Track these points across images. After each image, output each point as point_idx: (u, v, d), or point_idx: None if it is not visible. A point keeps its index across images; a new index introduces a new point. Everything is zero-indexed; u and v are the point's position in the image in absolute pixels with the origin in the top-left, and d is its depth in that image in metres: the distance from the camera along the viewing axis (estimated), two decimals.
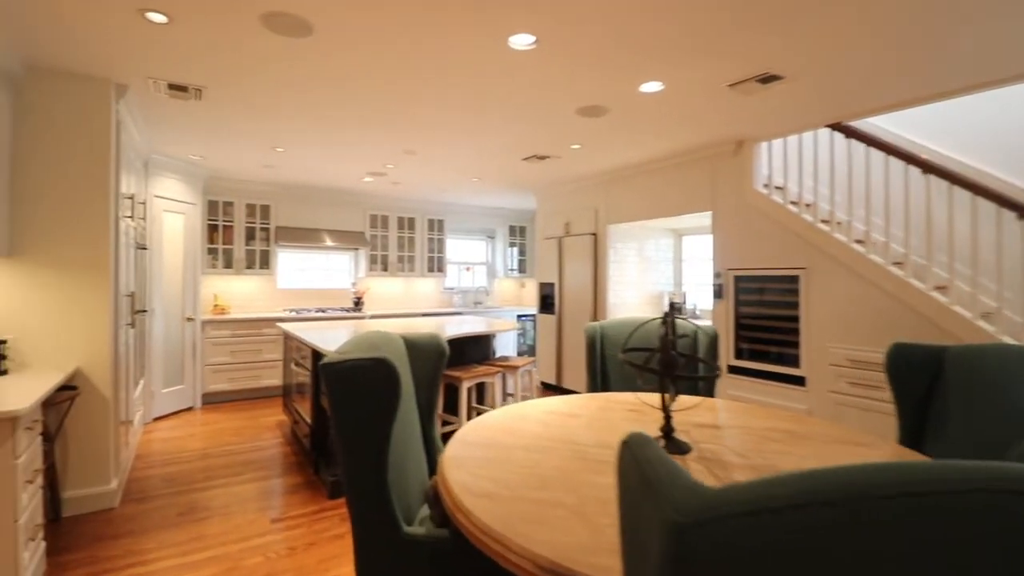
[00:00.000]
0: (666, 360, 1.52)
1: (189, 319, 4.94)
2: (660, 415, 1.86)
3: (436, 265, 7.08)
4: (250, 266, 5.78)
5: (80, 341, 2.80)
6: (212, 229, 5.56)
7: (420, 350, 1.96)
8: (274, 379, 5.49)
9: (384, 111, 3.38)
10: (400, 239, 6.81)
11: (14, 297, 2.67)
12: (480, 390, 4.27)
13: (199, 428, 4.37)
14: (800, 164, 3.72)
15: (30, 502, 2.03)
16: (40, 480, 2.19)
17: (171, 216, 4.78)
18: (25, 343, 2.69)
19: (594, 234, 5.35)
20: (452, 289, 7.46)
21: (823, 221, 3.60)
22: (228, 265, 5.64)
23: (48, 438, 2.59)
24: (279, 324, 4.45)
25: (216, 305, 5.58)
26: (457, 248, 7.63)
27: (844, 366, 3.35)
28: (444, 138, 4.00)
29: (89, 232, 2.83)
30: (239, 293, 5.89)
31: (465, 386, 3.66)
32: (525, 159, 4.66)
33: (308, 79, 2.86)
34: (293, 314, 5.68)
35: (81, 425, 2.80)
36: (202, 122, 3.67)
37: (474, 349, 4.29)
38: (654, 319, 1.87)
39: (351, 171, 5.23)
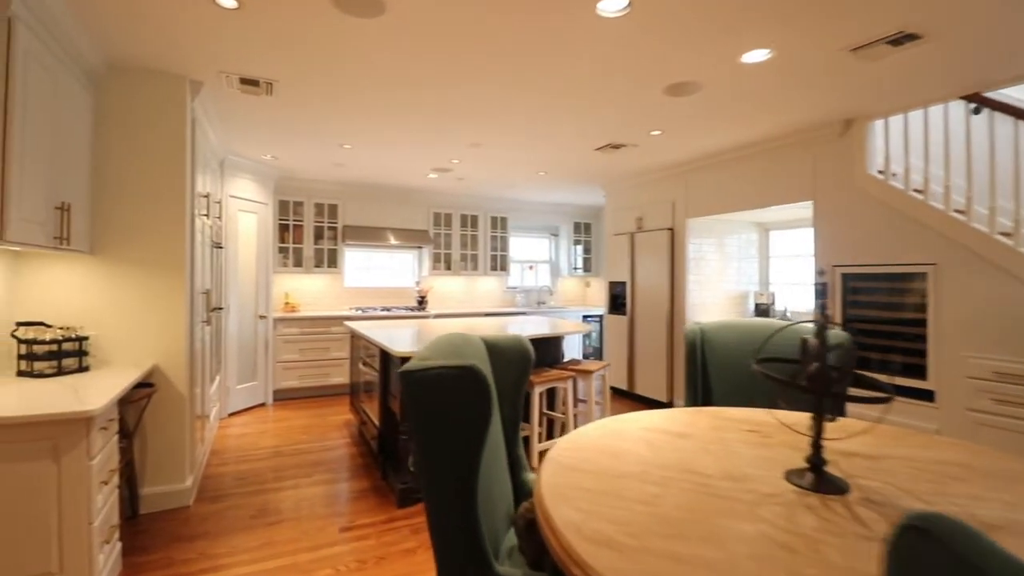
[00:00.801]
0: (819, 375, 1.21)
1: (262, 317, 5.02)
2: (787, 439, 1.54)
3: (499, 264, 6.91)
4: (318, 265, 5.84)
5: (158, 338, 2.80)
6: (283, 228, 5.65)
7: (503, 354, 1.74)
8: (341, 377, 5.50)
9: (454, 97, 3.21)
10: (463, 237, 6.69)
11: (96, 294, 2.70)
12: (551, 395, 4.02)
13: (271, 425, 4.40)
14: (926, 144, 3.20)
15: (105, 503, 1.99)
16: (116, 480, 2.16)
17: (245, 216, 4.87)
18: (106, 339, 2.72)
19: (670, 229, 4.97)
20: (515, 288, 7.27)
21: (957, 211, 3.07)
22: (298, 264, 5.72)
23: (126, 434, 2.59)
24: (346, 323, 4.41)
25: (287, 303, 5.67)
26: (520, 246, 7.43)
27: (987, 379, 2.83)
28: (514, 126, 3.78)
29: (166, 230, 2.83)
30: (308, 291, 5.97)
31: (537, 391, 3.43)
32: (598, 149, 4.37)
33: (378, 66, 2.72)
34: (359, 312, 5.68)
35: (158, 422, 2.80)
36: (274, 120, 3.65)
37: (544, 352, 4.05)
38: (790, 324, 1.55)
39: (416, 167, 5.14)
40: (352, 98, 3.22)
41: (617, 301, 5.62)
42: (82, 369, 2.47)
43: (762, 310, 4.96)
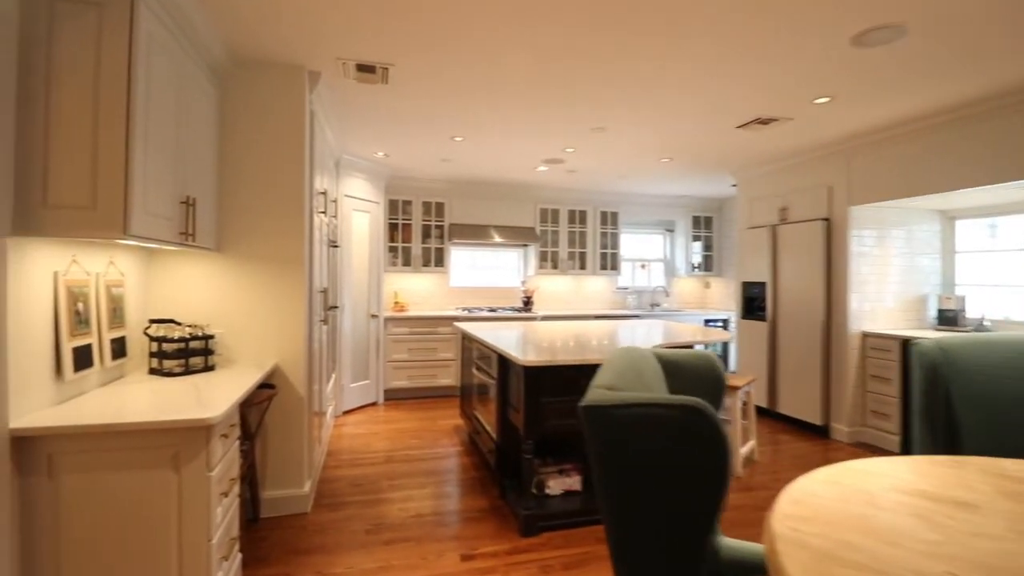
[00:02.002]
0: None
1: (373, 316, 5.00)
2: None
3: (609, 262, 6.42)
4: (426, 264, 5.76)
5: (278, 338, 2.72)
6: (392, 227, 5.64)
7: (683, 374, 1.32)
8: (449, 379, 5.35)
9: (582, 72, 2.82)
10: (571, 234, 6.29)
11: (220, 292, 2.67)
12: None
13: (382, 426, 4.32)
14: None
15: (225, 516, 1.86)
16: (236, 490, 2.03)
17: (358, 215, 4.87)
18: (230, 338, 2.68)
19: (826, 219, 4.19)
20: (625, 289, 6.73)
21: None
22: (406, 263, 5.67)
23: (248, 436, 2.52)
24: (456, 324, 4.21)
25: (396, 302, 5.65)
26: (632, 243, 6.88)
27: None
28: (649, 102, 3.31)
29: (285, 227, 2.75)
30: (416, 291, 5.92)
31: None
32: (741, 126, 3.75)
33: (500, 33, 2.41)
34: (465, 313, 5.50)
35: (278, 425, 2.72)
36: (387, 111, 3.52)
37: None
38: None
39: (526, 160, 4.83)
40: (468, 84, 2.96)
41: (753, 304, 4.90)
42: (207, 368, 2.42)
43: (948, 317, 4.02)
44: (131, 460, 1.64)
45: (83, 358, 1.93)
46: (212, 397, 1.92)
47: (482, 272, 6.30)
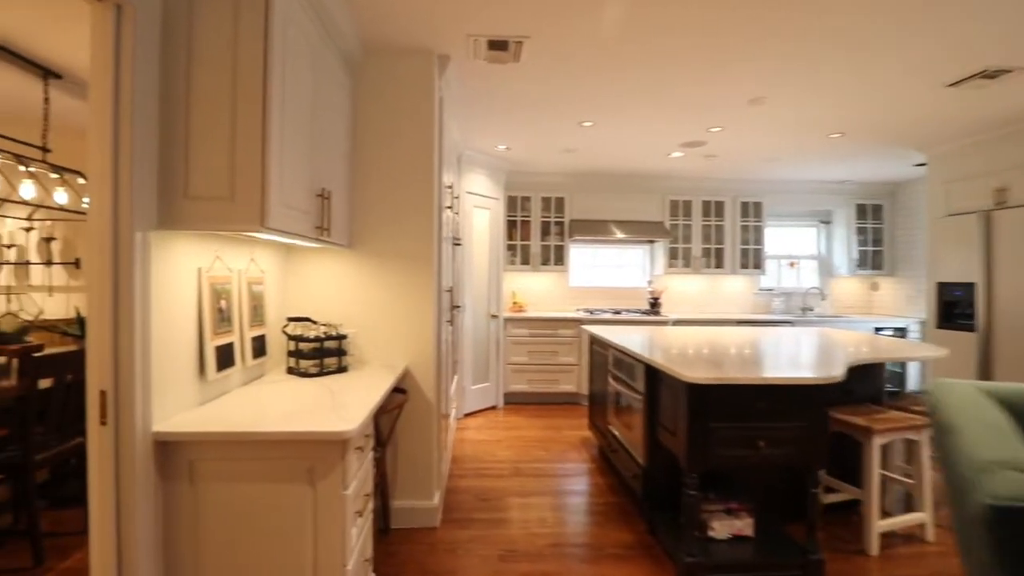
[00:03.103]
0: None
1: (493, 316, 4.82)
2: None
3: (751, 260, 5.65)
4: (545, 262, 5.48)
5: (407, 338, 2.57)
6: (510, 225, 5.43)
7: None
8: (570, 385, 5.01)
9: (747, 30, 2.32)
10: (705, 229, 5.63)
11: (351, 290, 2.58)
12: (884, 448, 2.80)
13: (504, 432, 4.10)
14: None
15: (359, 538, 1.68)
16: (370, 506, 1.87)
17: (479, 212, 4.72)
18: (362, 337, 2.57)
19: None
20: (770, 290, 5.90)
21: None
22: (525, 261, 5.44)
23: (380, 443, 2.37)
24: (583, 327, 3.85)
25: (515, 302, 5.44)
26: (778, 238, 6.02)
27: None
28: (828, 64, 2.70)
29: (415, 223, 2.59)
30: (534, 290, 5.66)
31: (876, 443, 2.31)
32: (954, 84, 2.95)
33: (646, 9, 2.01)
34: (587, 315, 5.13)
35: (407, 432, 2.57)
36: (513, 96, 3.26)
37: (861, 382, 2.86)
38: None
39: (661, 144, 4.34)
40: (608, 53, 2.58)
41: (952, 311, 3.94)
42: (340, 369, 2.32)
43: None
44: (268, 471, 1.51)
45: (225, 357, 1.88)
46: (346, 404, 1.76)
47: (603, 271, 5.88)
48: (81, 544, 2.40)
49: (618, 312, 5.34)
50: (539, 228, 5.45)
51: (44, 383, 2.33)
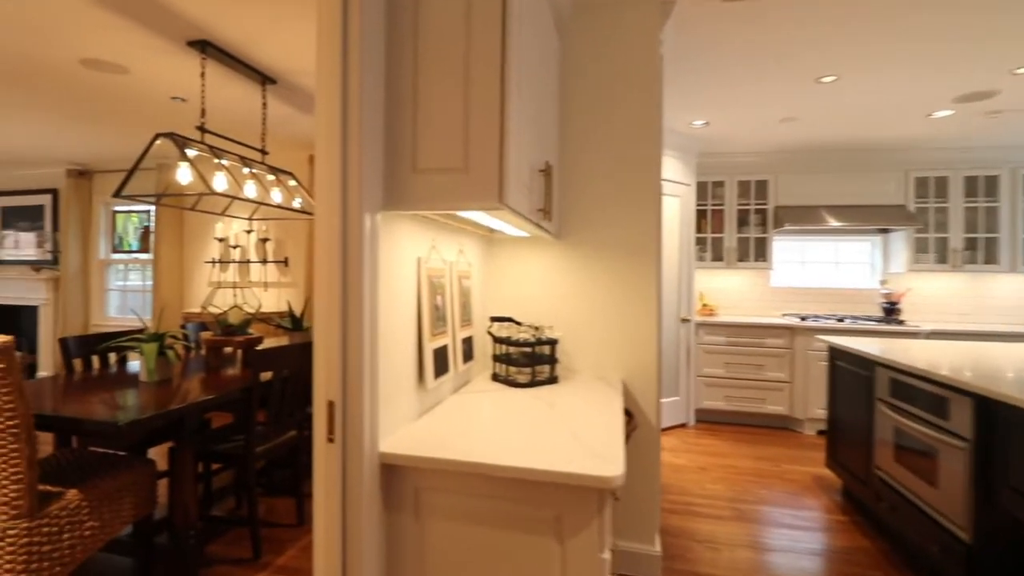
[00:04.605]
0: None
1: (684, 320, 4.19)
2: None
3: None
4: (742, 258, 4.68)
5: (623, 346, 2.13)
6: (699, 215, 4.73)
7: None
8: (779, 405, 4.16)
9: None
10: (969, 213, 4.31)
11: (558, 287, 2.21)
12: None
13: (706, 458, 3.47)
14: None
15: None
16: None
17: (668, 200, 4.13)
18: (569, 343, 2.20)
19: None
20: None
21: None
22: (717, 257, 4.69)
23: None
24: (822, 337, 3.07)
25: (704, 305, 4.73)
26: None
27: None
28: None
29: (636, 209, 2.14)
30: (726, 291, 4.88)
31: None
32: None
33: None
34: (799, 321, 4.22)
35: (629, 462, 2.13)
36: (736, 51, 2.65)
37: None
38: None
39: (923, 100, 3.32)
40: None
41: None
42: (551, 380, 1.96)
43: None
44: (506, 515, 1.18)
45: (441, 361, 1.62)
46: (582, 428, 1.38)
47: (816, 268, 4.86)
48: (294, 539, 2.40)
49: (841, 319, 4.32)
50: (735, 218, 4.66)
51: (264, 375, 2.37)
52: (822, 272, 4.84)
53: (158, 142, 2.62)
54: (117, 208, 5.71)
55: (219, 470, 2.92)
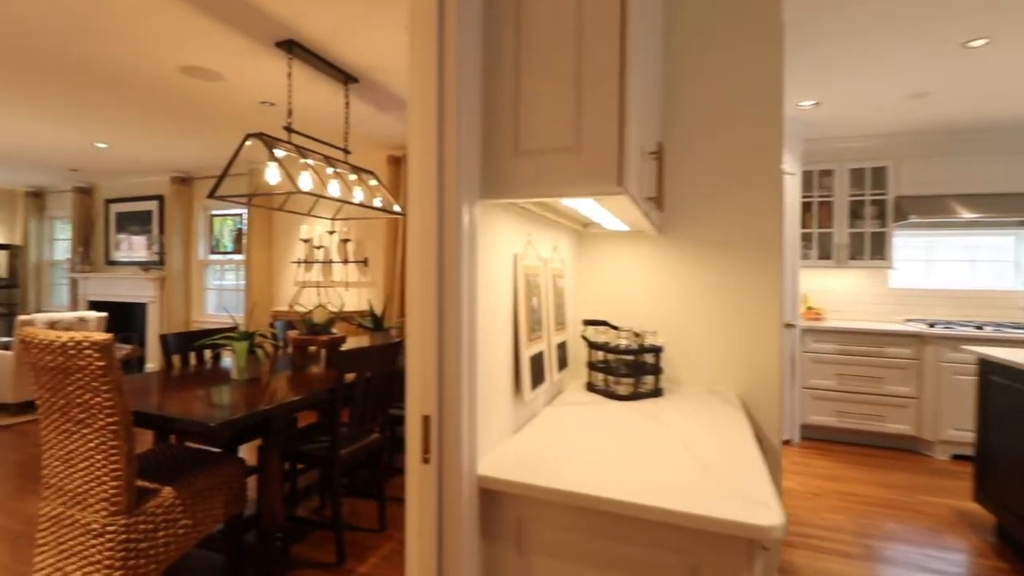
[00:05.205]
0: None
1: (788, 325, 3.77)
2: None
3: None
4: (854, 255, 4.16)
5: (738, 356, 1.86)
6: (803, 208, 4.26)
7: None
8: (904, 424, 3.64)
9: None
10: None
11: (658, 288, 1.98)
12: None
13: (820, 482, 3.06)
14: None
15: None
16: None
17: None
18: (671, 350, 1.96)
19: None
20: None
21: None
22: (824, 255, 4.20)
23: None
24: (970, 348, 2.60)
25: (809, 308, 4.26)
26: None
27: None
28: None
29: (753, 198, 1.86)
30: (834, 292, 4.36)
31: None
32: None
33: None
34: (924, 328, 3.66)
35: None
36: (869, 11, 2.27)
37: None
38: None
39: None
40: None
41: None
42: (656, 392, 1.73)
43: None
44: (629, 560, 0.98)
45: (537, 370, 1.45)
46: (710, 455, 1.16)
47: (941, 267, 4.23)
48: (376, 545, 2.33)
49: (980, 327, 3.71)
50: (846, 210, 4.15)
51: (348, 376, 2.32)
52: (953, 271, 4.20)
53: (248, 143, 2.66)
54: (214, 212, 6.08)
55: (304, 469, 2.93)
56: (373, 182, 3.53)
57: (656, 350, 1.72)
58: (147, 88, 3.29)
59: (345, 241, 4.94)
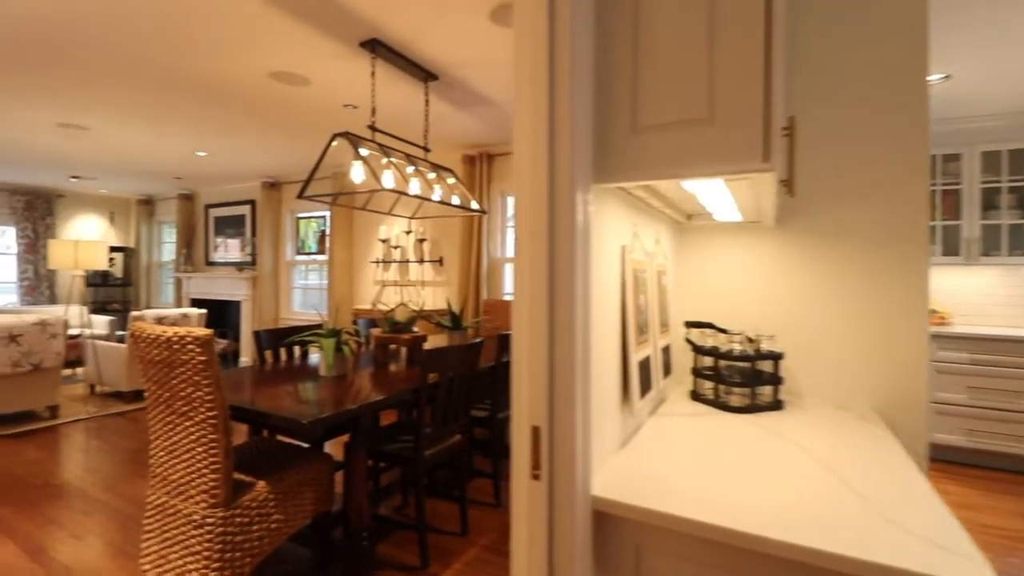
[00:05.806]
0: None
1: None
2: None
3: None
4: (988, 251, 3.62)
5: (874, 366, 1.61)
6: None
7: None
8: None
9: None
10: None
11: (773, 287, 1.75)
12: None
13: (952, 511, 2.66)
14: None
15: None
16: None
17: None
18: (790, 357, 1.73)
19: None
20: None
21: None
22: (950, 251, 3.69)
23: None
24: None
25: (933, 311, 3.76)
26: None
27: None
28: None
29: (891, 184, 1.60)
30: (963, 293, 3.83)
31: None
32: None
33: None
34: None
35: None
36: None
37: None
38: None
39: None
40: None
41: None
42: (775, 405, 1.53)
43: None
44: None
45: (645, 376, 1.30)
46: (865, 485, 0.96)
47: None
48: (459, 550, 2.27)
49: None
50: (977, 199, 3.62)
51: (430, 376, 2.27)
52: None
53: (335, 143, 2.69)
54: (300, 215, 6.38)
55: (386, 468, 2.94)
56: (451, 180, 3.50)
57: (776, 356, 1.52)
58: (241, 96, 3.46)
59: (421, 240, 4.99)
